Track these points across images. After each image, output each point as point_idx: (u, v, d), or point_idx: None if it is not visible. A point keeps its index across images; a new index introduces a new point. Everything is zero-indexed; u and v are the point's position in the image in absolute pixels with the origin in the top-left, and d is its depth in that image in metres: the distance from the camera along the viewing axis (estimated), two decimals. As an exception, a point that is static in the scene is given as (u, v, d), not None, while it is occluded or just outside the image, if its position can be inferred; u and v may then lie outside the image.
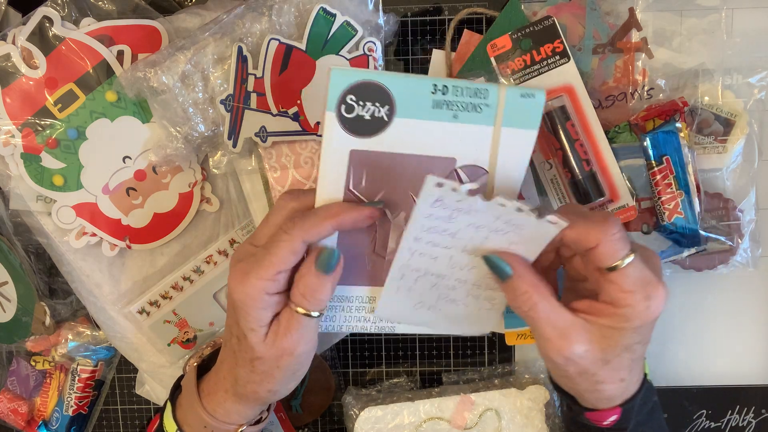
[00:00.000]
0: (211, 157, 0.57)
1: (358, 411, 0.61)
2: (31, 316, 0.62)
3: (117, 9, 0.56)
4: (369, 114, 0.43)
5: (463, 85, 0.43)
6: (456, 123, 0.44)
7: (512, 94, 0.43)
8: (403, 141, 0.44)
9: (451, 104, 0.43)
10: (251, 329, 0.44)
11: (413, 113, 0.43)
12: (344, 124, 0.43)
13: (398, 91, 0.43)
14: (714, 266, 0.60)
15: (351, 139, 0.44)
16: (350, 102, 0.42)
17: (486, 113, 0.44)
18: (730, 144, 0.58)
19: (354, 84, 0.42)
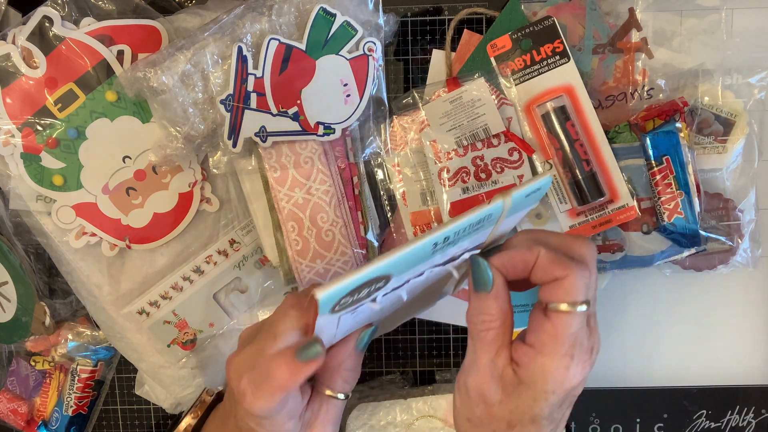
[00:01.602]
0: (211, 157, 0.57)
1: (351, 407, 0.61)
2: (31, 316, 0.62)
3: (117, 9, 0.56)
4: (365, 293, 0.38)
5: (464, 225, 0.37)
6: (452, 246, 0.40)
7: (518, 198, 0.39)
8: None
9: (452, 242, 0.39)
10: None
11: (411, 267, 0.39)
12: (338, 310, 0.38)
13: (394, 268, 0.37)
14: (714, 266, 0.60)
15: (338, 315, 0.39)
16: (344, 302, 0.37)
17: (488, 224, 0.40)
18: (730, 144, 0.58)
19: (345, 294, 0.36)
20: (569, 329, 0.38)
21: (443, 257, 0.40)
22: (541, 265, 0.39)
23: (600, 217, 0.57)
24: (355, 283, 0.36)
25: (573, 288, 0.38)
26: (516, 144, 0.57)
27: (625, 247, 0.59)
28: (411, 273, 0.39)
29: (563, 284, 0.38)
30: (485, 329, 0.40)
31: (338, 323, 0.41)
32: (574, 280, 0.38)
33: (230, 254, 0.60)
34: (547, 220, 0.59)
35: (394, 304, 0.43)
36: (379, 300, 0.40)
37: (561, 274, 0.38)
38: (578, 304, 0.38)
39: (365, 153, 0.59)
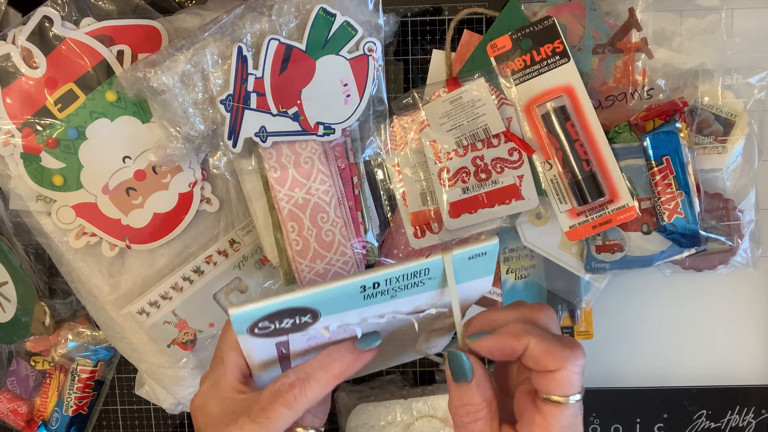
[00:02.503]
0: (211, 157, 0.57)
1: (351, 407, 0.61)
2: (31, 316, 0.62)
3: (117, 9, 0.56)
4: (290, 324, 0.37)
5: (397, 274, 0.37)
6: (394, 300, 0.38)
7: (459, 260, 0.38)
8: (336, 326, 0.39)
9: (386, 291, 0.37)
10: None
11: (342, 309, 0.38)
12: (262, 335, 0.38)
13: (318, 302, 0.36)
14: (714, 266, 0.60)
15: (273, 339, 0.39)
16: (263, 326, 0.37)
17: (429, 285, 0.38)
18: (730, 144, 0.58)
19: (260, 318, 0.36)
20: (562, 422, 0.37)
21: (391, 307, 0.39)
22: (532, 356, 0.38)
23: (600, 217, 0.57)
24: (271, 308, 0.35)
25: (566, 381, 0.37)
26: (516, 144, 0.57)
27: (625, 247, 0.59)
28: (353, 316, 0.38)
29: (555, 377, 0.37)
30: (472, 420, 0.39)
31: (281, 351, 0.40)
32: (568, 374, 0.37)
33: (230, 254, 0.60)
34: (547, 221, 0.59)
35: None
36: (332, 330, 0.39)
37: (554, 366, 0.37)
38: (573, 395, 0.37)
39: (365, 153, 0.59)
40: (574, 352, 0.37)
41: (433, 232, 0.59)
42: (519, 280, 0.61)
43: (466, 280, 0.40)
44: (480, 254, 0.38)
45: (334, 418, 0.65)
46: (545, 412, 0.37)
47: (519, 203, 0.58)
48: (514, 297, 0.61)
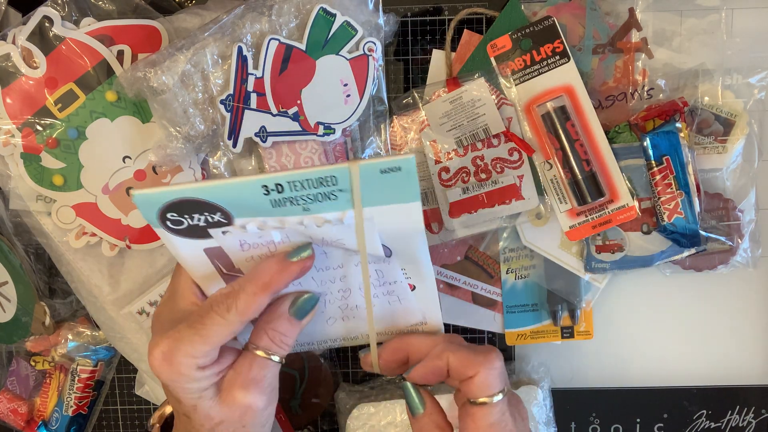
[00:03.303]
0: (211, 157, 0.57)
1: (351, 407, 0.61)
2: (31, 316, 0.62)
3: (117, 9, 0.56)
4: (203, 221, 0.37)
5: (300, 177, 0.35)
6: (309, 214, 0.37)
7: (368, 172, 0.35)
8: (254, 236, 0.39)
9: (295, 200, 0.36)
10: (198, 398, 0.40)
11: (253, 213, 0.37)
12: (179, 234, 0.37)
13: (222, 199, 0.36)
14: (714, 266, 0.60)
15: (196, 242, 0.38)
16: (173, 218, 0.37)
17: (342, 198, 0.36)
18: (730, 144, 0.58)
19: (165, 206, 0.36)
20: (490, 420, 0.41)
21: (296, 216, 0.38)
22: (453, 369, 0.42)
23: (600, 217, 0.57)
24: (172, 195, 0.35)
25: (484, 383, 0.41)
26: (516, 144, 0.57)
27: (625, 247, 0.59)
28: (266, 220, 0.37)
29: (475, 381, 0.41)
30: None
31: (216, 263, 0.40)
32: (484, 377, 0.41)
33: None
34: (546, 221, 0.59)
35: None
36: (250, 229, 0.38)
37: (471, 372, 0.41)
38: (495, 394, 0.41)
39: (365, 153, 0.59)
40: (487, 357, 0.41)
41: (433, 232, 0.59)
42: (519, 280, 0.61)
43: (382, 203, 0.37)
44: (393, 168, 0.35)
45: (334, 418, 0.65)
46: (473, 414, 0.41)
47: (519, 203, 0.58)
48: (514, 297, 0.62)
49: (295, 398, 0.64)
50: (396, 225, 0.39)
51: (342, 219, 0.38)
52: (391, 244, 0.41)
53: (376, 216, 0.38)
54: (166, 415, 0.49)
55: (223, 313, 0.39)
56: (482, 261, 0.62)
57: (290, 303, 0.42)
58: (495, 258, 0.61)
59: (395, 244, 0.41)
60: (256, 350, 0.41)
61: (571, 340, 0.62)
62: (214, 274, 0.41)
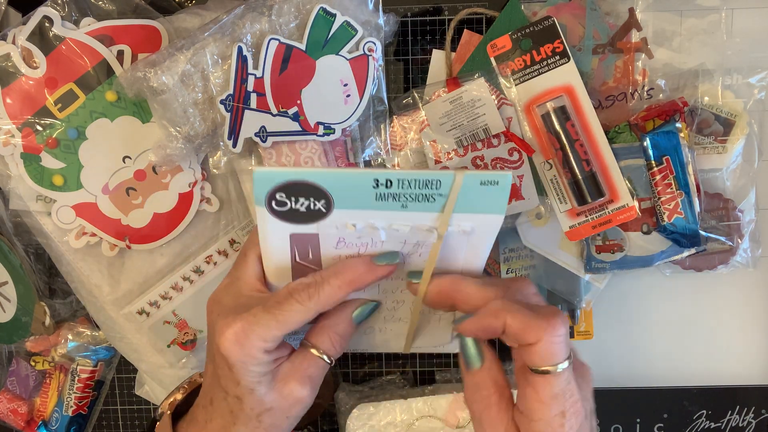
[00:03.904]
0: (211, 157, 0.57)
1: (351, 407, 0.61)
2: (31, 316, 0.62)
3: (117, 9, 0.56)
4: (304, 207, 0.40)
5: (410, 177, 0.38)
6: (405, 212, 0.40)
7: (470, 181, 0.39)
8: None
9: (398, 196, 0.39)
10: (257, 383, 0.41)
11: (355, 205, 0.40)
12: (277, 216, 0.40)
13: (334, 187, 0.39)
14: (714, 266, 0.60)
15: (288, 225, 0.41)
16: (280, 198, 0.39)
17: (439, 202, 0.40)
18: (730, 144, 0.58)
19: (280, 184, 0.39)
20: (553, 390, 0.38)
21: (403, 220, 0.40)
22: (511, 333, 0.38)
23: (600, 217, 0.57)
24: (289, 176, 0.38)
25: (547, 352, 0.37)
26: (516, 144, 0.57)
27: (625, 247, 0.59)
28: (367, 216, 0.40)
29: (537, 349, 0.37)
30: (486, 407, 0.40)
31: (295, 254, 0.42)
32: (547, 345, 0.37)
33: (230, 254, 0.60)
34: (547, 221, 0.59)
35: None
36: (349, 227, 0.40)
37: (533, 339, 0.37)
38: (559, 363, 0.38)
39: (365, 153, 0.59)
40: (551, 323, 0.37)
41: (433, 232, 0.59)
42: (519, 280, 0.61)
43: (475, 211, 0.40)
44: (492, 182, 0.39)
45: (334, 418, 0.65)
46: (535, 384, 0.38)
47: (519, 203, 0.58)
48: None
49: (295, 398, 0.64)
50: (474, 232, 0.41)
51: (437, 226, 0.41)
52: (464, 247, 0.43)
53: (462, 222, 0.40)
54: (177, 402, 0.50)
55: (304, 300, 0.40)
56: (482, 261, 0.62)
57: (354, 310, 0.43)
58: (495, 258, 0.61)
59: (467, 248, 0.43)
60: (313, 349, 0.43)
61: (571, 340, 0.62)
62: (286, 261, 0.43)
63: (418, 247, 0.42)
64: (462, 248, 0.42)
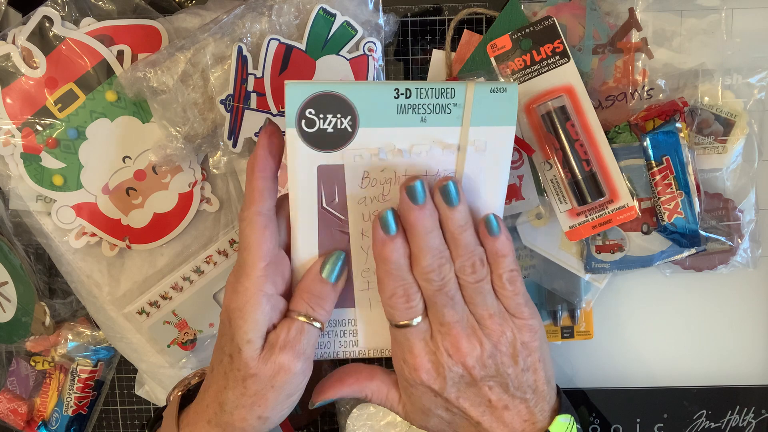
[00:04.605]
0: (211, 157, 0.57)
1: (351, 407, 0.61)
2: (31, 316, 0.62)
3: (117, 9, 0.56)
4: (331, 126, 0.41)
5: (427, 86, 0.42)
6: (425, 127, 0.42)
7: (481, 90, 0.42)
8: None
9: (417, 108, 0.42)
10: (248, 341, 0.42)
11: (378, 121, 0.42)
12: (307, 140, 0.42)
13: (359, 99, 0.41)
14: (714, 266, 0.60)
15: (316, 154, 0.42)
16: (310, 116, 0.41)
17: (455, 113, 0.42)
18: (730, 144, 0.58)
19: (311, 96, 0.41)
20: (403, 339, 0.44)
21: (423, 136, 0.42)
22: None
23: (600, 217, 0.57)
24: (321, 87, 0.41)
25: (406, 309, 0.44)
26: (516, 144, 0.57)
27: (625, 247, 0.59)
28: (389, 135, 0.42)
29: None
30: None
31: (322, 186, 0.43)
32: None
33: (230, 254, 0.60)
34: (547, 221, 0.59)
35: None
36: (381, 156, 0.42)
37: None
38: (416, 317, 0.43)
39: (365, 153, 0.59)
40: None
41: (433, 232, 0.59)
42: (519, 280, 0.61)
43: (486, 123, 0.43)
44: (501, 89, 0.42)
45: (334, 418, 0.65)
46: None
47: (519, 203, 0.58)
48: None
49: (295, 398, 0.64)
50: (487, 149, 0.43)
51: (455, 141, 0.43)
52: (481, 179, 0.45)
53: (477, 137, 0.43)
54: (191, 385, 0.50)
55: (243, 213, 0.43)
56: (482, 261, 0.61)
57: (320, 264, 0.43)
58: (495, 258, 0.61)
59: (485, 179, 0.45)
60: (295, 315, 0.43)
61: (571, 340, 0.62)
62: (313, 204, 0.43)
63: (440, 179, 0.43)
64: (480, 174, 0.44)
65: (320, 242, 0.44)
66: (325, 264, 0.44)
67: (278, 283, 0.43)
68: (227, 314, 0.43)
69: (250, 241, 0.42)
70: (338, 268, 0.44)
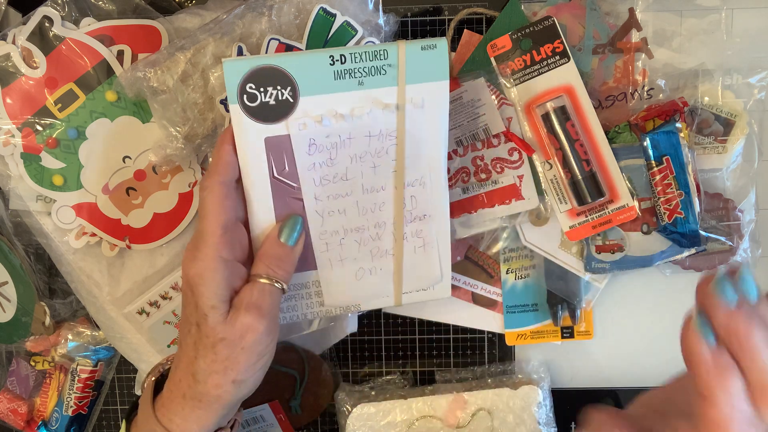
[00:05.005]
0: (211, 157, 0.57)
1: (351, 407, 0.61)
2: (31, 316, 0.62)
3: (117, 9, 0.56)
4: (273, 99, 0.43)
5: (360, 50, 0.43)
6: (363, 89, 0.44)
7: (412, 48, 0.43)
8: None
9: (353, 72, 0.43)
10: (212, 306, 0.42)
11: (317, 89, 0.43)
12: (251, 114, 0.43)
13: (296, 69, 0.43)
14: (714, 266, 0.60)
15: (262, 127, 0.43)
16: (251, 90, 0.43)
17: (390, 74, 0.44)
18: (730, 144, 0.58)
19: (250, 72, 0.42)
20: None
21: (361, 101, 0.44)
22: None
23: (600, 217, 0.57)
24: (257, 61, 0.42)
25: None
26: (516, 144, 0.57)
27: (625, 247, 0.59)
28: (330, 101, 0.43)
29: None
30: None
31: (271, 157, 0.44)
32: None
33: (230, 254, 0.60)
34: (546, 221, 0.59)
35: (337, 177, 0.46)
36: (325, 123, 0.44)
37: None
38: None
39: (365, 153, 0.59)
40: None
41: (433, 232, 0.59)
42: (519, 280, 0.61)
43: (421, 81, 0.44)
44: (431, 46, 0.44)
45: (334, 418, 0.65)
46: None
47: (519, 203, 0.58)
48: (514, 297, 0.61)
49: (295, 398, 0.64)
50: (424, 105, 0.45)
51: (393, 100, 0.44)
52: (419, 145, 0.46)
53: (413, 95, 0.44)
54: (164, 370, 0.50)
55: (204, 183, 0.44)
56: (482, 261, 0.62)
57: (278, 229, 0.45)
58: (495, 258, 0.61)
59: (423, 146, 0.46)
60: (258, 279, 0.44)
61: (571, 340, 0.62)
62: (264, 175, 0.45)
63: (383, 140, 0.44)
64: (421, 132, 0.45)
65: (276, 210, 0.46)
66: (283, 228, 0.45)
67: (236, 250, 0.44)
68: (188, 282, 0.43)
69: (210, 209, 0.43)
70: (297, 232, 0.45)
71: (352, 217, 0.46)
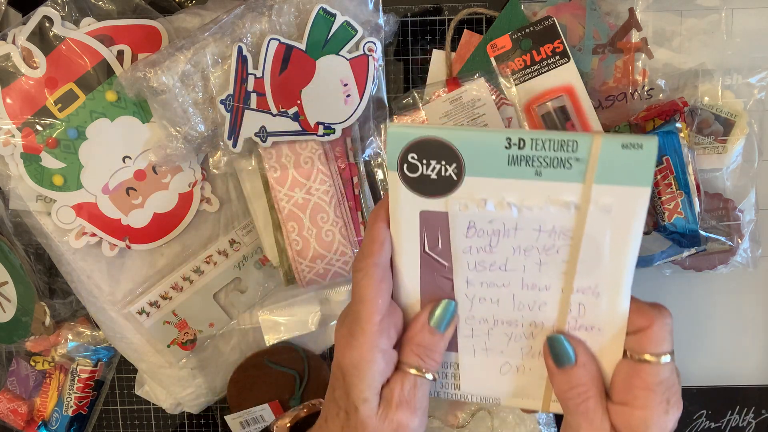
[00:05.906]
0: (211, 157, 0.57)
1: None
2: (31, 316, 0.62)
3: (117, 9, 0.56)
4: (435, 173, 0.39)
5: (543, 137, 0.37)
6: (539, 181, 0.37)
7: (610, 145, 0.36)
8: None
9: (531, 160, 0.37)
10: (364, 399, 0.40)
11: (486, 171, 0.38)
12: (409, 185, 0.39)
13: (466, 146, 0.38)
14: (714, 266, 0.60)
15: (419, 199, 0.39)
16: (413, 161, 0.38)
17: (577, 168, 0.37)
18: (730, 144, 0.58)
19: (414, 141, 0.38)
20: (660, 377, 0.38)
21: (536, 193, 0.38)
22: (635, 314, 0.39)
23: (600, 217, 0.57)
24: (425, 132, 0.38)
25: (658, 338, 0.38)
26: (516, 144, 0.57)
27: (625, 247, 0.58)
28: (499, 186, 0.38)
29: (648, 334, 0.38)
30: (582, 401, 0.39)
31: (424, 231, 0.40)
32: (658, 330, 0.38)
33: (230, 254, 0.60)
34: (547, 220, 0.59)
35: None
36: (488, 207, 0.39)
37: (644, 324, 0.38)
38: (663, 354, 0.38)
39: (365, 153, 0.59)
40: (661, 311, 0.39)
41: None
42: (519, 280, 0.61)
43: (614, 182, 0.37)
44: (635, 145, 0.35)
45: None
46: (641, 372, 0.38)
47: (519, 203, 0.58)
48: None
49: (295, 398, 0.64)
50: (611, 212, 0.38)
51: (575, 199, 0.38)
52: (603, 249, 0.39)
53: (601, 196, 0.37)
54: (300, 418, 0.49)
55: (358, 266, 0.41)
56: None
57: (429, 314, 0.42)
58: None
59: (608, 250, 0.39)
60: (407, 368, 0.41)
61: (571, 340, 0.62)
62: (415, 249, 0.41)
63: (555, 238, 0.39)
64: (605, 238, 0.39)
65: (422, 286, 0.42)
66: (434, 313, 0.42)
67: (392, 336, 0.41)
68: (341, 369, 0.41)
69: (366, 293, 0.40)
70: (448, 318, 0.42)
71: (506, 309, 0.41)
